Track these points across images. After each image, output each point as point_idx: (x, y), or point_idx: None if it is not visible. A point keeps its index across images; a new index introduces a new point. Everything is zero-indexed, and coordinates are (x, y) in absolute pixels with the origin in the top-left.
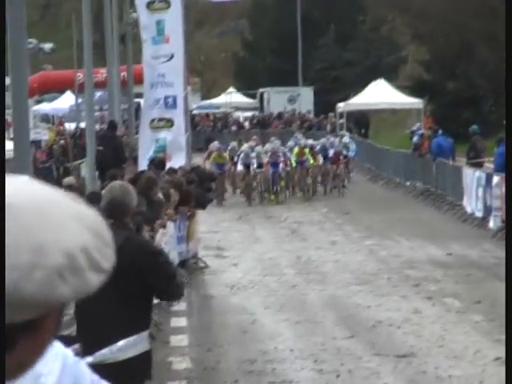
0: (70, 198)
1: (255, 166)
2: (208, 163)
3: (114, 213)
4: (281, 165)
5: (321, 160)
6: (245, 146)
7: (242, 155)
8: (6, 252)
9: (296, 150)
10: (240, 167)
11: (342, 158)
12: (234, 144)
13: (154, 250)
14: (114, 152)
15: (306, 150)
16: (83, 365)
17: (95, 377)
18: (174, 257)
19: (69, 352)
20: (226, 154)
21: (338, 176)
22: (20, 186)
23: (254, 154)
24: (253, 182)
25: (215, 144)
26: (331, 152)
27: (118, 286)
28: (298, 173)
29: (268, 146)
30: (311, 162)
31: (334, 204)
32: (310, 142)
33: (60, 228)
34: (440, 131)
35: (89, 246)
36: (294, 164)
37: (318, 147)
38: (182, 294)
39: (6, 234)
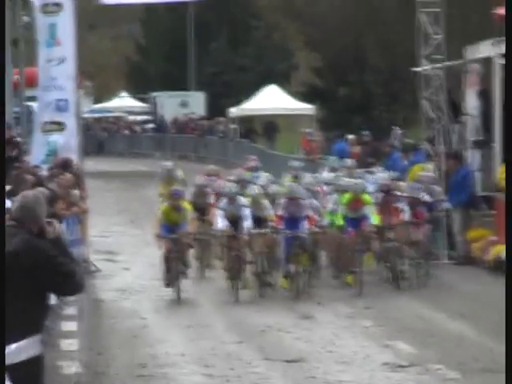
0: None
1: (249, 222)
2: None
3: (22, 218)
4: (304, 223)
5: (406, 215)
6: (224, 182)
7: (223, 201)
8: None
9: (347, 195)
10: (223, 223)
11: (425, 211)
12: (264, 178)
13: (52, 252)
14: None
15: (367, 197)
16: None
17: None
18: None
19: None
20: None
21: (419, 245)
22: None
23: (243, 199)
24: (244, 252)
25: (168, 168)
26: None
27: (15, 288)
28: (345, 239)
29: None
30: (375, 220)
31: None
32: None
33: None
34: (344, 137)
35: None
36: (341, 222)
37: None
38: (80, 291)
39: None
